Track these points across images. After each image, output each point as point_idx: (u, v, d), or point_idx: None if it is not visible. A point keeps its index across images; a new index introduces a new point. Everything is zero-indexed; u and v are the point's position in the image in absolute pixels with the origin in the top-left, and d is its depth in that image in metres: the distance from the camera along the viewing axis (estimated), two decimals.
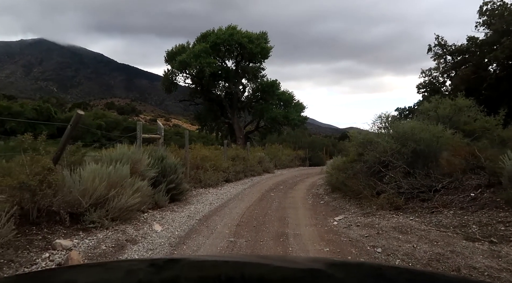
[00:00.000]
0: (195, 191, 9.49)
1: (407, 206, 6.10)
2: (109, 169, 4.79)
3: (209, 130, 35.85)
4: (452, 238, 4.24)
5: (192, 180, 10.10)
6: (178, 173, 7.08)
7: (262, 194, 9.92)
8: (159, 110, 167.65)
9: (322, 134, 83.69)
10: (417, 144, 7.29)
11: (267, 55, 31.69)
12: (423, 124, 7.71)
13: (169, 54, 31.86)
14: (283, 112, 31.49)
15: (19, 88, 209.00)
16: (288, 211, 7.24)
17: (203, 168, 10.60)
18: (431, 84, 18.06)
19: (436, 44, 17.63)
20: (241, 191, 10.46)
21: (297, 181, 14.26)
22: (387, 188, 6.70)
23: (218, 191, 10.06)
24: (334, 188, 9.68)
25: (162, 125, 8.89)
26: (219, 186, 10.81)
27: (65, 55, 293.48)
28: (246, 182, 12.82)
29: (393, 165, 7.26)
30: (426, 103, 9.34)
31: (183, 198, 7.51)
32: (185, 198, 7.76)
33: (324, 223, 5.95)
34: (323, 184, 12.73)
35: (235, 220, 6.18)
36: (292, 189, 11.55)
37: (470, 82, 13.99)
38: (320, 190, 11.00)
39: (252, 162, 15.34)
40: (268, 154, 19.18)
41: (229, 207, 7.46)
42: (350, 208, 7.09)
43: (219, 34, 29.80)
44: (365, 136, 8.44)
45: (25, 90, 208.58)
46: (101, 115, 48.06)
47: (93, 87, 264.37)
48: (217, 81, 32.06)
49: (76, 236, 4.17)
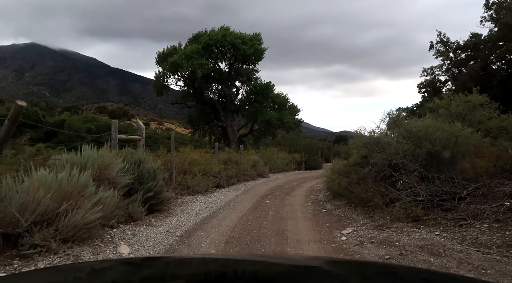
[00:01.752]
0: (182, 198, 8.46)
1: (427, 216, 5.14)
2: (61, 176, 3.77)
3: (202, 133, 34.85)
4: (502, 263, 3.28)
5: (179, 186, 9.08)
6: (158, 179, 6.05)
7: (256, 201, 8.94)
8: (152, 115, 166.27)
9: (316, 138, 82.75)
10: (432, 145, 6.36)
11: (261, 56, 30.78)
12: (438, 123, 6.79)
13: (160, 56, 30.83)
14: (277, 115, 30.66)
15: (11, 92, 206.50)
16: (286, 222, 6.25)
17: (191, 173, 9.57)
18: (432, 84, 17.20)
19: (438, 41, 16.77)
20: (233, 198, 9.45)
21: (294, 186, 13.29)
22: (402, 195, 5.74)
23: (207, 198, 9.03)
24: (336, 194, 8.72)
25: (143, 125, 7.88)
26: (209, 193, 9.78)
27: (57, 59, 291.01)
28: (239, 187, 11.80)
29: (407, 169, 6.31)
30: (437, 100, 8.46)
31: (164, 208, 6.47)
32: (167, 208, 6.72)
33: (331, 238, 4.97)
34: (322, 189, 11.78)
35: (224, 235, 5.18)
36: (289, 195, 10.58)
37: (479, 79, 13.13)
38: (320, 196, 10.04)
39: (246, 165, 14.33)
40: (262, 157, 18.18)
41: (218, 218, 6.45)
42: (358, 218, 6.12)
43: (212, 35, 28.90)
44: (372, 136, 7.49)
45: (17, 94, 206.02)
46: (91, 119, 46.73)
47: (86, 91, 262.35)
48: (210, 84, 31.14)
49: (8, 267, 3.15)
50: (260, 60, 31.12)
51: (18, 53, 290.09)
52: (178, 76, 30.46)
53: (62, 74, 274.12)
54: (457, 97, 8.33)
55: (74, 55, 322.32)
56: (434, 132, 6.54)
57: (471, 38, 15.55)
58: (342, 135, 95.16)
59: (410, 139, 6.72)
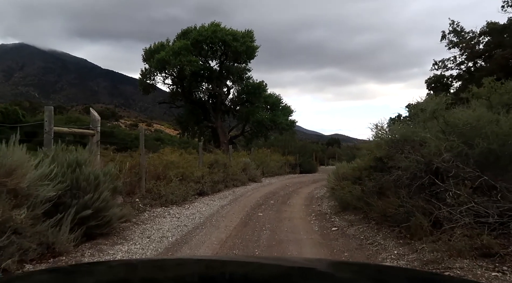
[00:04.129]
0: (150, 211, 6.58)
1: (506, 250, 3.37)
2: None
3: (191, 135, 32.99)
4: None
5: (149, 195, 7.21)
6: (101, 189, 4.19)
7: (246, 214, 7.13)
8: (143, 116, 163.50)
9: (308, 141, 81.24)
10: (488, 142, 4.60)
11: (253, 54, 29.02)
12: (491, 113, 5.05)
13: (147, 52, 28.96)
14: (270, 116, 28.99)
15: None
16: (287, 249, 4.45)
17: (166, 178, 7.70)
18: (442, 79, 15.50)
19: (451, 31, 15.07)
20: (218, 209, 7.60)
21: (290, 192, 11.52)
22: (455, 213, 3.96)
23: (184, 210, 7.14)
24: (346, 205, 6.95)
25: (99, 116, 6.00)
26: (188, 203, 7.88)
27: (47, 60, 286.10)
28: (226, 195, 9.94)
29: (453, 175, 4.55)
30: (474, 88, 6.81)
31: (114, 231, 4.58)
32: (121, 230, 4.84)
33: None
34: (324, 196, 10.03)
35: None
36: (286, 204, 8.79)
37: (509, 68, 11.52)
38: (323, 206, 8.28)
39: (235, 169, 12.49)
40: (254, 160, 16.34)
41: (192, 245, 4.60)
42: (388, 245, 4.34)
43: (201, 31, 27.17)
44: (400, 130, 5.72)
45: (5, 95, 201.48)
46: (75, 119, 44.44)
47: (76, 93, 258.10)
48: (200, 82, 29.37)
49: None
50: (252, 58, 29.40)
51: (6, 54, 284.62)
52: (165, 74, 28.71)
53: (52, 75, 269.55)
54: (500, 85, 6.67)
55: (64, 56, 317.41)
56: (487, 126, 4.79)
57: (487, 27, 13.96)
58: (334, 138, 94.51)
59: (452, 135, 4.97)
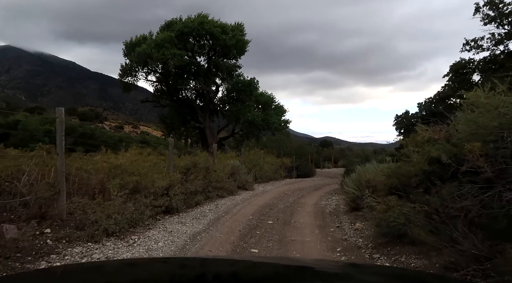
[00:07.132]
0: (60, 254, 3.91)
1: None
2: None
3: (177, 136, 30.23)
4: None
5: (73, 221, 4.54)
6: None
7: (232, 250, 4.50)
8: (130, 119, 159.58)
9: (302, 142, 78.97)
10: None
11: (243, 49, 26.46)
12: None
13: (128, 46, 26.11)
14: (262, 116, 26.49)
15: None
16: None
17: (105, 192, 5.04)
18: (469, 63, 12.96)
19: (487, 3, 12.58)
20: (185, 242, 4.93)
21: (292, 204, 8.95)
22: None
23: (124, 249, 4.41)
24: (392, 233, 4.36)
25: None
26: (139, 231, 5.20)
27: (34, 63, 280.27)
28: (204, 212, 7.30)
29: None
30: None
31: None
32: None
33: None
34: (338, 210, 7.51)
35: None
36: (291, 225, 6.21)
37: None
38: (346, 230, 5.73)
39: (221, 174, 9.85)
40: (245, 163, 13.68)
41: None
42: None
43: (187, 23, 24.48)
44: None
45: None
46: (52, 120, 41.32)
47: (64, 96, 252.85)
48: (186, 79, 26.67)
49: None
50: (243, 53, 26.86)
51: None
52: (148, 69, 25.98)
53: (39, 78, 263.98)
54: None
55: (52, 58, 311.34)
56: None
57: None
58: (326, 140, 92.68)
59: None
